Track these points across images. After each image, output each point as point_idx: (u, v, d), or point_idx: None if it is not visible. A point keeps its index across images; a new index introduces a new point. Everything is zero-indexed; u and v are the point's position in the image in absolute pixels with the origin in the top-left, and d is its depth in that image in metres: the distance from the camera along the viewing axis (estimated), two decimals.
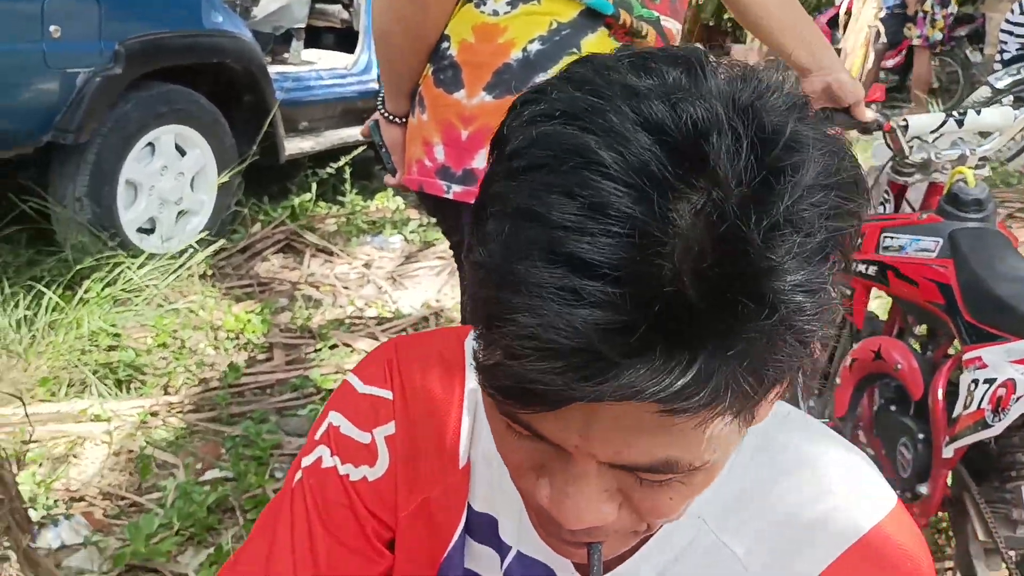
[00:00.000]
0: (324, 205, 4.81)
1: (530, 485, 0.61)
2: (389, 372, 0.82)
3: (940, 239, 1.72)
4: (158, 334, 3.13)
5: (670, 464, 0.55)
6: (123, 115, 3.62)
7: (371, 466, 0.81)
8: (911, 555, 0.71)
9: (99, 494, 2.37)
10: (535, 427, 0.55)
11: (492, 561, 0.82)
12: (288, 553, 0.79)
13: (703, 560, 0.73)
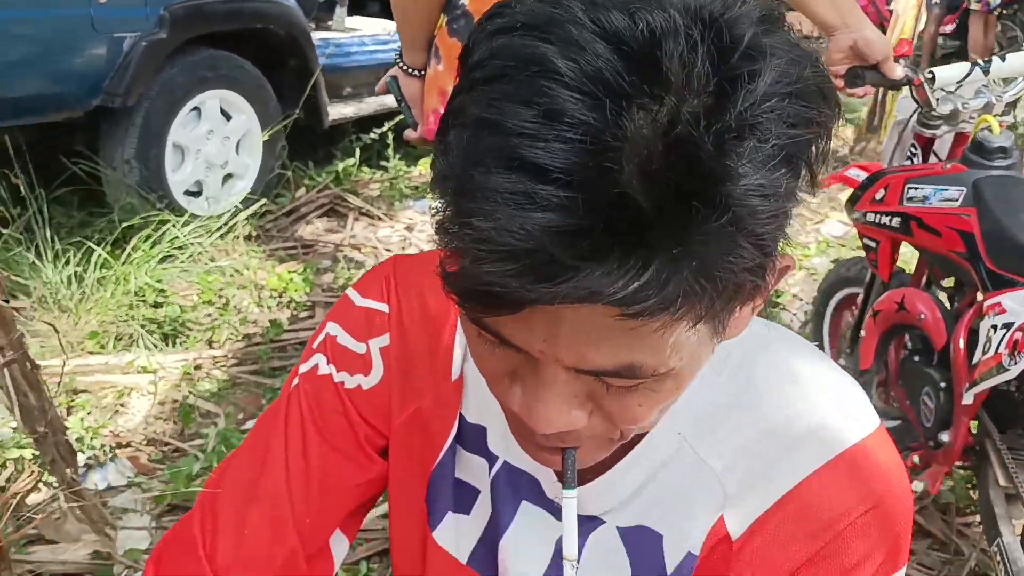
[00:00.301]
0: (368, 170, 4.86)
1: (504, 392, 0.64)
2: (386, 287, 0.86)
3: (964, 188, 1.70)
4: (203, 291, 3.22)
5: (634, 368, 0.56)
6: (169, 80, 3.70)
7: (365, 375, 0.84)
8: (891, 473, 0.72)
9: (144, 440, 2.47)
10: (501, 333, 0.57)
11: (481, 470, 0.85)
12: (281, 454, 0.83)
13: (681, 475, 0.75)
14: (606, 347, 0.54)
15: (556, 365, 0.57)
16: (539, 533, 0.82)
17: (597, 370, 0.56)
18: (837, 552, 0.71)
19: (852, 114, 6.31)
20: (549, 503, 0.82)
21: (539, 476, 0.81)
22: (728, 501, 0.73)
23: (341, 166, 4.70)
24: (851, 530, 0.70)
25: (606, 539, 0.79)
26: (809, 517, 0.71)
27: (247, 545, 0.81)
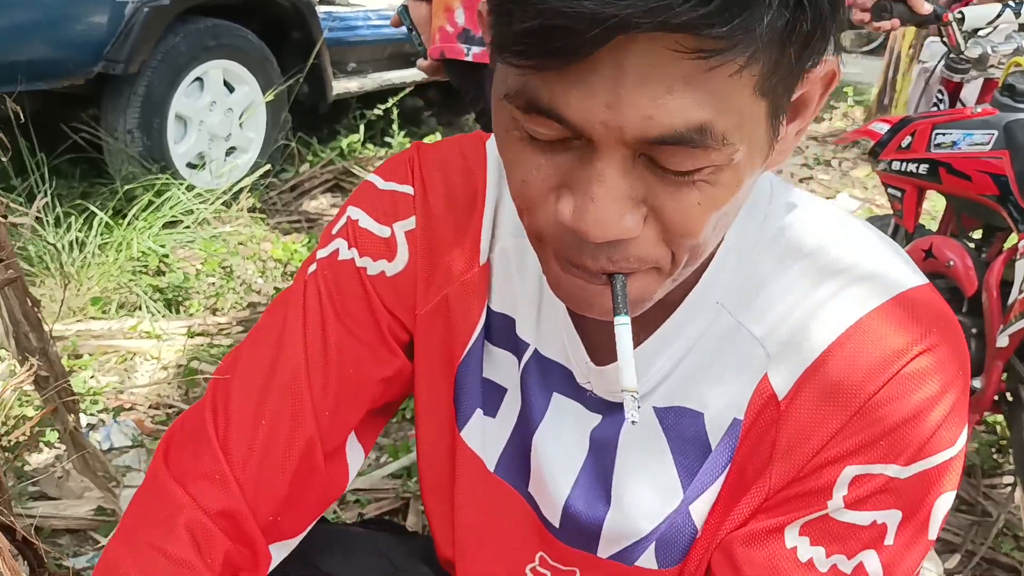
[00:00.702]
0: (372, 147, 4.81)
1: (548, 213, 0.59)
2: (411, 170, 0.81)
3: (995, 131, 1.66)
4: (206, 260, 3.17)
5: (704, 129, 0.52)
6: (172, 48, 3.65)
7: (390, 261, 0.79)
8: (948, 317, 0.69)
9: (147, 404, 2.42)
10: (559, 110, 0.53)
11: (510, 366, 0.81)
12: (300, 340, 0.78)
13: (721, 343, 0.72)
14: (675, 101, 0.51)
15: (614, 149, 0.54)
16: (572, 425, 0.78)
17: (665, 134, 0.52)
18: (895, 393, 0.66)
19: (861, 96, 6.27)
20: (581, 393, 0.78)
21: (571, 365, 0.78)
22: (771, 361, 0.70)
23: (345, 142, 4.65)
24: (910, 369, 0.66)
25: (642, 421, 0.75)
26: (859, 362, 0.67)
27: (263, 435, 0.77)
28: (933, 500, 0.68)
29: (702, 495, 0.74)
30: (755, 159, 0.58)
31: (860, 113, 6.09)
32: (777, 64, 0.53)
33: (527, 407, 0.80)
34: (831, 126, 5.91)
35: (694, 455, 0.74)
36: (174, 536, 0.74)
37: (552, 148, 0.57)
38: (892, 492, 0.67)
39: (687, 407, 0.74)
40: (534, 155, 0.58)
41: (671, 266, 0.61)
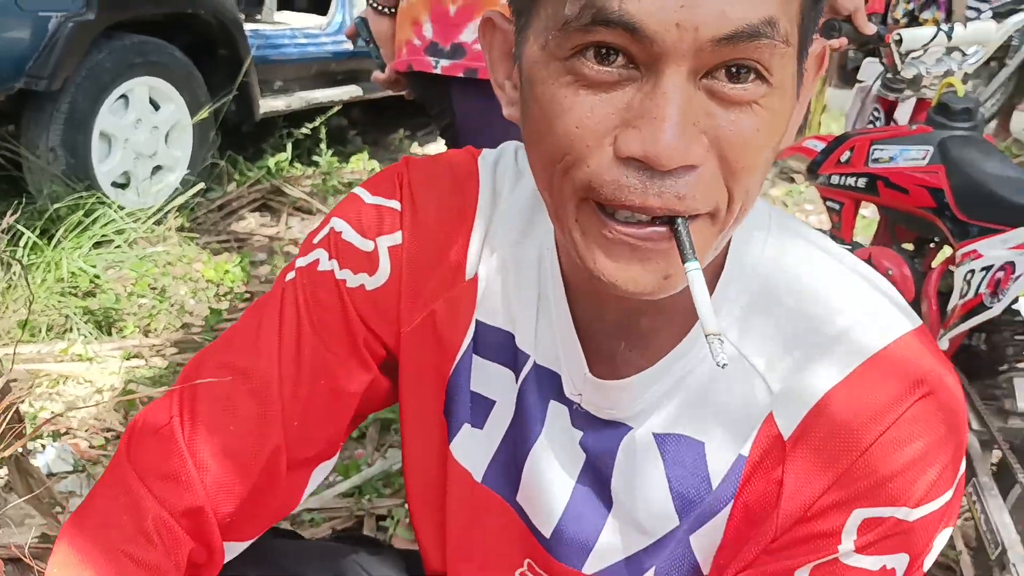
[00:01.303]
0: (299, 167, 4.77)
1: (604, 157, 0.59)
2: (399, 185, 0.81)
3: (930, 147, 1.75)
4: (136, 281, 3.09)
5: (773, 23, 0.56)
6: (96, 64, 3.56)
7: (370, 275, 0.79)
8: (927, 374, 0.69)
9: (85, 428, 2.34)
10: (629, 16, 0.54)
11: (502, 379, 0.81)
12: (275, 347, 0.78)
13: (721, 372, 0.72)
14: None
15: (681, 64, 0.55)
16: (565, 435, 0.79)
17: (740, 28, 0.55)
18: (900, 437, 0.68)
19: None
20: (569, 402, 0.78)
21: (562, 371, 0.78)
22: (775, 399, 0.71)
23: (273, 161, 4.60)
24: (912, 414, 0.68)
25: (639, 445, 0.76)
26: (865, 406, 0.68)
27: (230, 439, 0.77)
28: (935, 539, 0.70)
29: (703, 527, 0.75)
30: (791, 98, 0.62)
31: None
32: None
33: (524, 419, 0.80)
34: None
35: (691, 484, 0.74)
36: (143, 539, 0.74)
37: (608, 88, 0.58)
38: (901, 536, 0.68)
39: (687, 435, 0.74)
40: (589, 96, 0.58)
41: (727, 211, 0.62)
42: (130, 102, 3.77)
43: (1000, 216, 1.56)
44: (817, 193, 2.12)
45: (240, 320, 0.82)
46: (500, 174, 0.81)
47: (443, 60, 1.46)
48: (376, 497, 2.11)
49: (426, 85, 1.53)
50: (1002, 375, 1.66)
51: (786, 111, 0.61)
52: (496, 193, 0.80)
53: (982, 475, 1.62)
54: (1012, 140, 6.33)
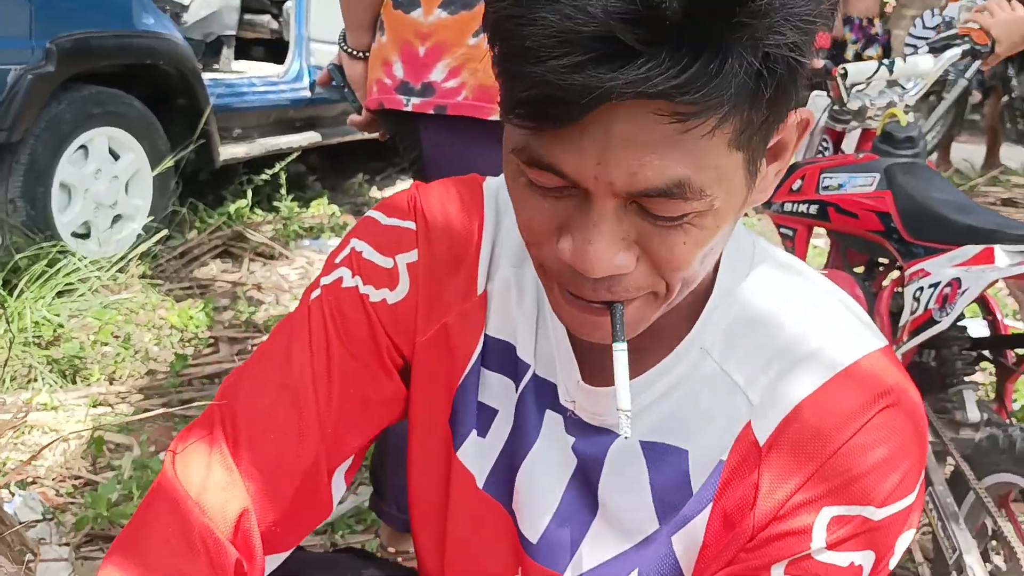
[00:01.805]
0: (260, 213, 4.79)
1: (551, 249, 0.67)
2: (412, 207, 0.87)
3: (877, 174, 1.84)
4: (100, 329, 3.08)
5: (683, 185, 0.60)
6: (56, 116, 3.57)
7: (391, 289, 0.84)
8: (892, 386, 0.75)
9: (52, 476, 2.33)
10: (556, 165, 0.61)
11: (507, 390, 0.86)
12: (307, 359, 0.82)
13: (705, 386, 0.78)
14: (656, 161, 0.59)
15: (607, 199, 0.61)
16: (559, 442, 0.83)
17: (648, 188, 0.60)
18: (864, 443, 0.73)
19: None
20: (563, 409, 0.83)
21: (558, 381, 0.83)
22: (754, 410, 0.76)
23: (233, 207, 4.60)
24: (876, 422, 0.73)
25: (627, 451, 0.81)
26: (831, 414, 0.73)
27: (273, 448, 0.80)
28: (899, 539, 0.75)
29: (683, 529, 0.79)
30: (734, 202, 0.65)
31: None
32: (748, 122, 0.60)
33: (521, 428, 0.85)
34: None
35: (672, 488, 0.79)
36: (189, 552, 0.76)
37: (553, 194, 0.64)
38: (868, 534, 0.73)
39: (672, 444, 0.79)
40: (538, 199, 0.65)
41: (666, 293, 0.68)
42: (90, 152, 3.77)
43: (945, 236, 1.64)
44: (770, 224, 2.20)
45: (269, 339, 0.87)
46: (503, 201, 0.88)
47: (414, 98, 1.52)
48: (349, 533, 2.12)
49: (397, 122, 1.59)
50: (952, 388, 1.74)
51: (727, 212, 0.65)
52: (499, 217, 0.87)
53: (937, 484, 1.68)
54: (953, 170, 6.55)
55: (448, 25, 1.48)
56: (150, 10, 4.04)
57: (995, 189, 5.62)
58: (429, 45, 1.50)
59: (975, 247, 1.57)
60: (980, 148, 7.11)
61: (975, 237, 1.60)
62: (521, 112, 0.59)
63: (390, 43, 1.55)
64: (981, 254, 1.55)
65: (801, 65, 0.60)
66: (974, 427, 1.73)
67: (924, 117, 6.68)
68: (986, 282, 1.51)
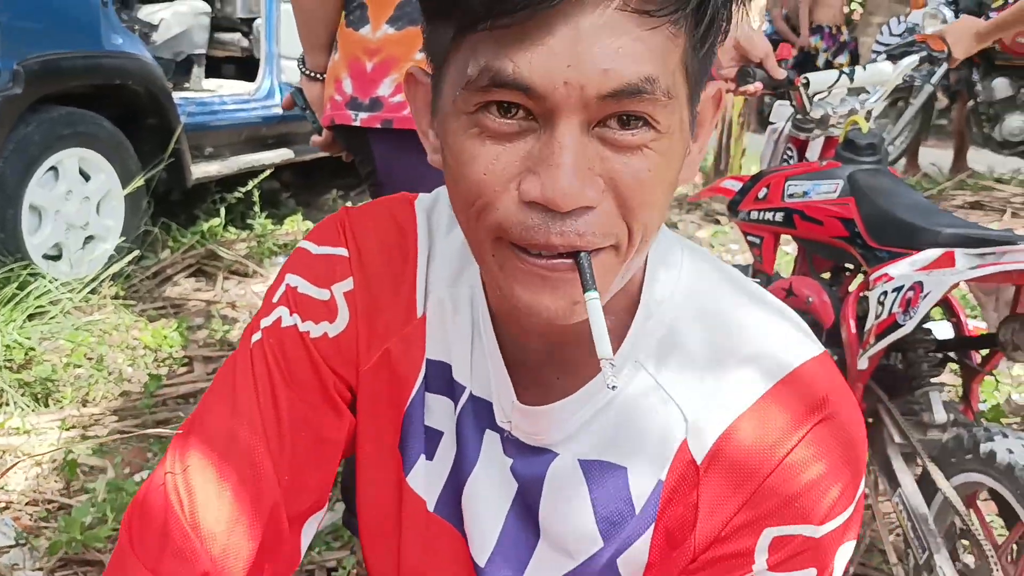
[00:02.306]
0: (234, 231, 4.77)
1: (510, 201, 0.64)
2: (342, 232, 0.85)
3: (840, 181, 1.87)
4: (73, 351, 3.06)
5: (652, 81, 0.61)
6: (24, 138, 3.55)
7: (331, 322, 0.83)
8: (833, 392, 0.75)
9: (24, 501, 2.31)
10: (522, 77, 0.60)
11: (446, 409, 0.85)
12: (254, 406, 0.80)
13: (639, 401, 0.77)
14: (625, 57, 0.60)
15: (572, 116, 0.61)
16: (497, 460, 0.83)
17: (621, 85, 0.61)
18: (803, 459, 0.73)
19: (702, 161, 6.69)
20: (500, 430, 0.82)
21: (493, 399, 0.82)
22: (689, 427, 0.75)
23: (206, 226, 4.59)
24: (813, 436, 0.73)
25: (565, 470, 0.80)
26: (769, 430, 0.73)
27: (228, 504, 0.78)
28: (838, 553, 0.75)
29: (628, 550, 0.78)
30: (682, 140, 0.67)
31: (699, 178, 6.48)
32: (693, 40, 0.64)
33: (462, 449, 0.84)
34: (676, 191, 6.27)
35: (615, 508, 0.78)
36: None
37: (510, 139, 0.63)
38: (809, 552, 0.73)
39: (611, 461, 0.78)
40: (494, 147, 0.64)
41: (627, 244, 0.67)
42: (60, 173, 3.76)
43: (907, 240, 1.67)
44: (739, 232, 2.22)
45: (211, 388, 0.84)
46: (435, 220, 0.86)
47: (362, 113, 1.56)
48: (326, 550, 2.11)
49: (349, 137, 1.62)
50: (919, 390, 1.76)
51: (678, 152, 0.67)
52: (432, 237, 0.85)
53: (906, 485, 1.70)
54: (921, 174, 6.63)
55: (395, 40, 1.52)
56: (119, 30, 4.03)
57: (962, 192, 5.70)
58: (377, 61, 1.54)
59: (936, 251, 1.60)
60: (948, 152, 7.20)
61: (936, 241, 1.63)
62: (482, 10, 0.59)
63: (341, 61, 1.59)
64: (942, 258, 1.58)
65: None
66: (941, 428, 1.75)
67: (892, 123, 6.78)
68: (947, 286, 1.53)
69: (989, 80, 6.45)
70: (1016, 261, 1.47)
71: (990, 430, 1.62)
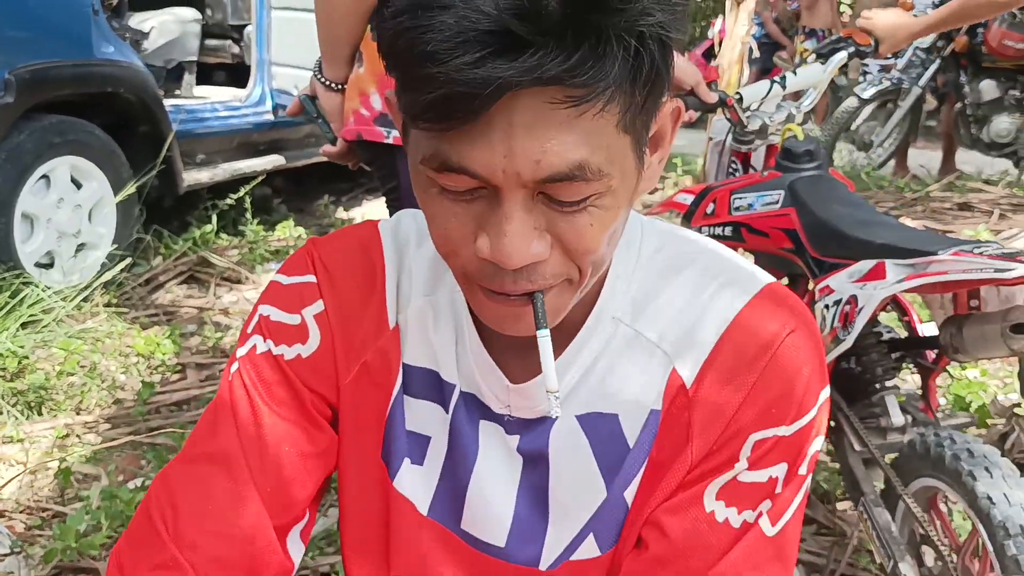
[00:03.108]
0: (226, 238, 4.82)
1: (469, 253, 0.72)
2: (310, 261, 0.92)
3: (781, 191, 1.92)
4: (66, 359, 3.11)
5: (583, 167, 0.66)
6: (16, 146, 3.60)
7: (303, 343, 0.89)
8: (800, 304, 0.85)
9: (19, 509, 2.37)
10: (466, 165, 0.66)
11: (437, 415, 0.91)
12: (232, 428, 0.86)
13: (622, 350, 0.86)
14: (556, 146, 0.65)
15: (515, 191, 0.67)
16: (501, 448, 0.89)
17: (552, 174, 0.66)
18: (777, 369, 0.81)
19: (689, 166, 6.75)
20: (500, 418, 0.89)
21: (485, 397, 0.89)
22: (674, 358, 0.84)
23: (198, 233, 4.64)
24: (784, 348, 0.81)
25: (566, 430, 0.87)
26: (746, 348, 0.81)
27: (212, 517, 0.83)
28: (808, 446, 0.83)
29: (631, 483, 0.86)
30: (628, 183, 0.72)
31: (690, 181, 6.54)
32: (630, 102, 0.67)
33: (460, 447, 0.90)
34: (664, 195, 6.33)
35: (613, 451, 0.85)
36: None
37: (465, 198, 0.70)
38: (781, 448, 0.81)
39: (602, 412, 0.85)
40: (452, 206, 0.71)
41: (579, 278, 0.74)
42: (52, 182, 3.81)
43: (845, 251, 1.71)
44: None
45: (201, 420, 0.90)
46: (403, 237, 0.93)
47: (394, 131, 1.58)
48: (319, 555, 2.17)
49: (375, 153, 1.66)
50: (876, 394, 1.81)
51: (625, 191, 0.72)
52: (401, 252, 0.92)
53: (868, 493, 1.75)
54: (911, 176, 6.68)
55: None
56: (110, 38, 4.08)
57: (951, 194, 5.76)
58: None
59: (869, 262, 1.64)
60: (937, 154, 7.24)
61: (868, 252, 1.66)
62: (430, 115, 0.64)
63: (368, 74, 1.60)
64: (874, 269, 1.61)
65: (671, 41, 0.67)
66: (900, 431, 1.80)
67: (880, 125, 6.84)
68: (877, 300, 1.57)
69: (977, 82, 6.50)
70: (939, 272, 1.51)
71: (940, 435, 1.66)
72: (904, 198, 5.66)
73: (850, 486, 1.82)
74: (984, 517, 1.52)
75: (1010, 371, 3.24)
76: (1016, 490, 1.53)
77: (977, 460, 1.58)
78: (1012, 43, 6.12)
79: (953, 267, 1.49)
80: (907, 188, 6.00)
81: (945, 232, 4.87)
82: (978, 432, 2.54)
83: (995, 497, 1.51)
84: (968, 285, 1.61)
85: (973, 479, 1.55)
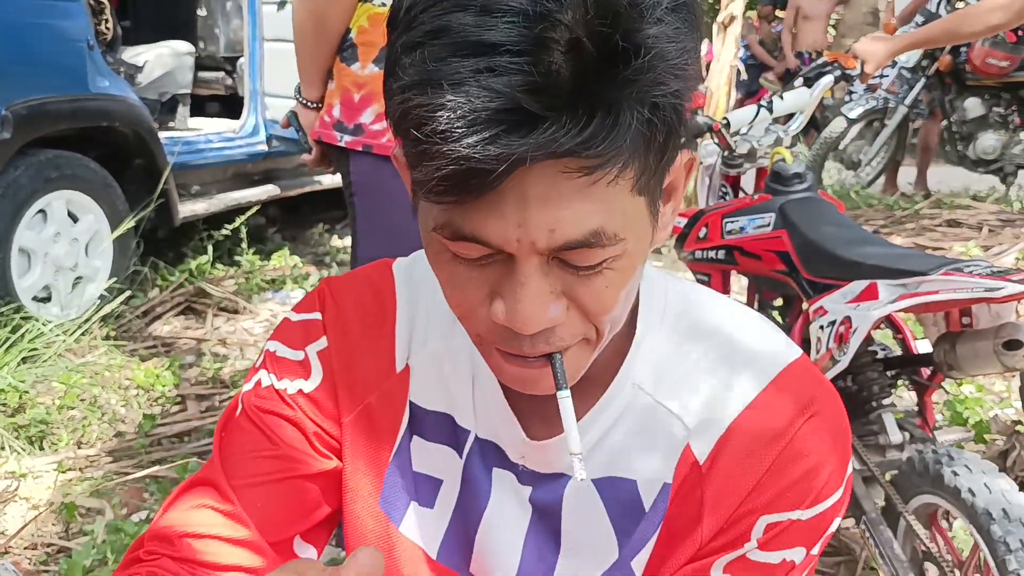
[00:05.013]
0: (221, 268, 4.84)
1: (484, 316, 0.71)
2: (320, 299, 0.93)
3: (772, 214, 1.95)
4: (66, 393, 3.12)
5: (599, 234, 0.65)
6: (13, 182, 3.62)
7: (305, 379, 0.90)
8: (824, 385, 0.84)
9: (24, 546, 2.37)
10: (480, 235, 0.65)
11: (450, 460, 0.91)
12: (235, 455, 0.89)
13: (642, 418, 0.85)
14: (571, 215, 0.64)
15: (530, 258, 0.66)
16: (512, 496, 0.89)
17: (568, 242, 0.65)
18: (793, 454, 0.81)
19: None
20: (514, 466, 0.89)
21: (503, 444, 0.88)
22: (691, 433, 0.84)
23: (194, 263, 4.65)
24: (801, 434, 0.80)
25: (582, 489, 0.87)
26: (762, 431, 0.80)
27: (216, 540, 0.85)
28: (827, 531, 0.82)
29: (640, 552, 0.85)
30: (643, 243, 0.71)
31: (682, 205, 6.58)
32: (644, 167, 0.65)
33: (472, 492, 0.90)
34: None
35: (630, 517, 0.85)
36: None
37: (479, 264, 0.68)
38: (797, 532, 0.80)
39: (620, 476, 0.85)
40: (465, 271, 0.69)
41: (597, 337, 0.73)
42: (48, 216, 3.83)
43: (837, 272, 1.74)
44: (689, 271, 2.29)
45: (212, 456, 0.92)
46: (417, 279, 0.93)
47: (346, 136, 1.88)
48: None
49: (335, 154, 1.95)
50: (873, 412, 1.84)
51: (640, 248, 0.71)
52: (415, 294, 0.93)
53: (870, 512, 1.77)
54: (899, 194, 6.75)
55: (379, 77, 1.79)
56: (105, 73, 4.12)
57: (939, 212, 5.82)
58: (363, 93, 1.85)
59: (862, 283, 1.66)
60: None
61: (860, 272, 1.69)
62: (442, 189, 0.63)
63: (335, 89, 1.90)
64: (867, 290, 1.64)
65: (684, 108, 0.66)
66: (898, 448, 1.82)
67: (868, 144, 6.91)
68: (871, 321, 1.59)
69: (961, 99, 6.60)
70: (930, 292, 1.53)
71: (938, 451, 1.69)
72: (894, 216, 5.72)
73: (851, 504, 1.84)
74: (985, 533, 1.54)
75: (1005, 386, 3.27)
76: (1016, 505, 1.55)
77: (976, 476, 1.60)
78: (995, 61, 6.21)
79: (944, 287, 1.52)
80: (896, 206, 6.06)
81: (935, 249, 4.92)
82: (977, 448, 2.56)
83: (995, 513, 1.53)
84: (960, 304, 1.64)
85: (972, 495, 1.57)
